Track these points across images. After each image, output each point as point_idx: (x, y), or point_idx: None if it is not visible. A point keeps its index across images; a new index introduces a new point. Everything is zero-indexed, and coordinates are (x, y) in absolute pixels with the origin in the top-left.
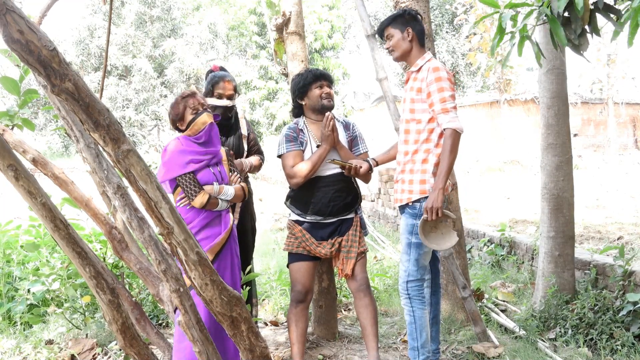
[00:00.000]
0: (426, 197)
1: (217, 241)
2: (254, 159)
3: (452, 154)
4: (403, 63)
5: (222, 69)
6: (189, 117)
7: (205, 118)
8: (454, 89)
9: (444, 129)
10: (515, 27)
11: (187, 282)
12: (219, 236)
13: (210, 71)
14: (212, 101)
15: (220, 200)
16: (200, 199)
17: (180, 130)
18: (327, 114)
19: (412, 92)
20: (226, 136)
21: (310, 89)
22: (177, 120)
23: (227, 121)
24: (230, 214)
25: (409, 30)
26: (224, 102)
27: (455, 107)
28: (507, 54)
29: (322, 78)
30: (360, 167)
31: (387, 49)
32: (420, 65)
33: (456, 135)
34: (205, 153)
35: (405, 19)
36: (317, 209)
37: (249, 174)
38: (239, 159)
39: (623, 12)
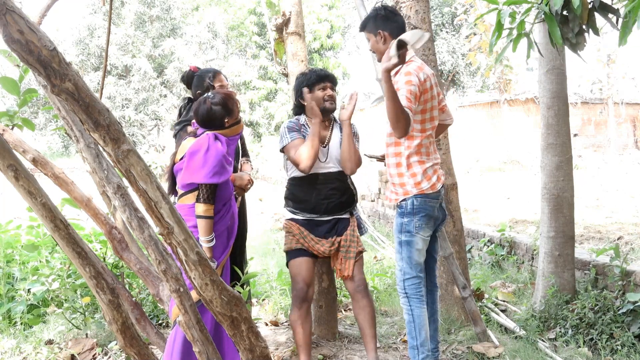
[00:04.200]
0: (411, 197)
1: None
2: (249, 168)
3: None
4: None
5: (199, 68)
6: (238, 115)
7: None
8: (414, 91)
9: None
10: (513, 24)
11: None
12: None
13: (192, 72)
14: None
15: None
16: (206, 208)
17: (213, 127)
18: (353, 92)
19: None
20: None
21: (314, 90)
22: (228, 116)
23: None
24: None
25: (381, 32)
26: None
27: (410, 108)
28: (502, 49)
29: (326, 79)
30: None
31: (370, 51)
32: (398, 69)
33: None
34: (231, 162)
35: (376, 21)
36: (313, 206)
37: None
38: (239, 174)
39: (623, 13)
